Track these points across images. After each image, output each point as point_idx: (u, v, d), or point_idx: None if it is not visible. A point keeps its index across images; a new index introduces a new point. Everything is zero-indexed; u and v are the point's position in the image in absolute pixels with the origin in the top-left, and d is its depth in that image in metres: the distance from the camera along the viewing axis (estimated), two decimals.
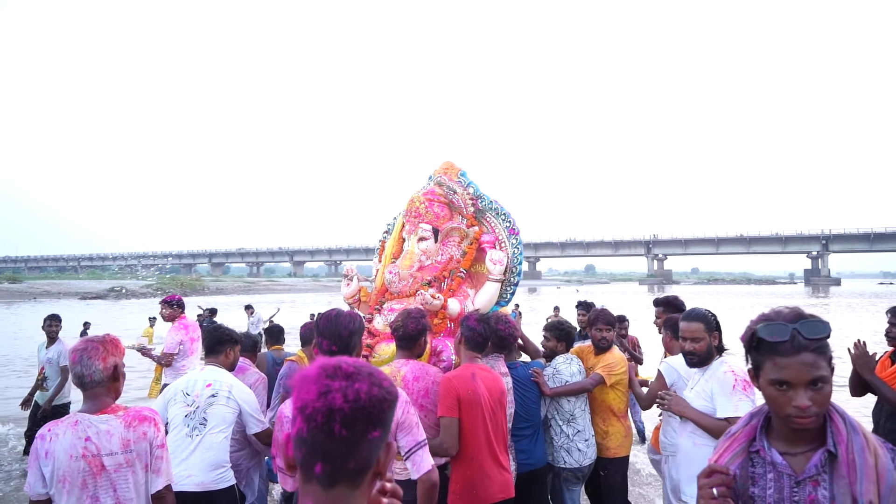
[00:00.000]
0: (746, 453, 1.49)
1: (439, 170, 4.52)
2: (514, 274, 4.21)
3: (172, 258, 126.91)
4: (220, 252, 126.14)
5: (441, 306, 3.79)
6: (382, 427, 1.01)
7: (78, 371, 2.25)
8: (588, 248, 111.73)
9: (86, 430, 2.20)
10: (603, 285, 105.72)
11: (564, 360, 3.82)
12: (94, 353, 2.26)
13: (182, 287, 52.99)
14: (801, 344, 1.39)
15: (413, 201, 4.30)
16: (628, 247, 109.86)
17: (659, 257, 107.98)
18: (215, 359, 3.40)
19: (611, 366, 3.74)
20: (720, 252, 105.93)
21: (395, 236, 4.51)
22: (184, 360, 5.81)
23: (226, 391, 3.16)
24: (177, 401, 3.13)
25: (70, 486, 2.15)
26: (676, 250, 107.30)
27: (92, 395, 2.27)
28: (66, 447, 2.16)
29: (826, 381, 1.39)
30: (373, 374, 1.01)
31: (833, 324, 1.41)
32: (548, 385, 3.66)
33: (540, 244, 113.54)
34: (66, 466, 2.15)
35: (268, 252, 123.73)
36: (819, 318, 1.41)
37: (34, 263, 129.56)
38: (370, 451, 1.00)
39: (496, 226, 4.32)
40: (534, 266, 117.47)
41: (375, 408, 0.98)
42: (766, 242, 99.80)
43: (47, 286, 51.44)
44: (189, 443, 3.02)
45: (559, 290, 76.92)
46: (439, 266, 4.12)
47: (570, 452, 3.61)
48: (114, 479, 2.20)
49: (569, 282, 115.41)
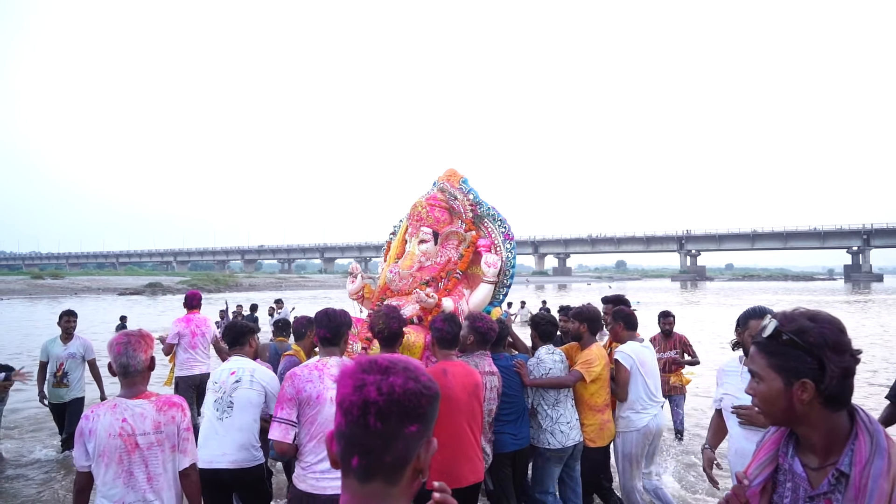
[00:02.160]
0: (776, 462, 1.47)
1: (443, 176, 4.78)
2: (507, 276, 4.48)
3: (206, 255, 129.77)
4: (252, 248, 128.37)
5: (436, 304, 4.07)
6: (421, 422, 1.00)
7: (123, 361, 2.57)
8: (619, 243, 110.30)
9: (123, 412, 2.52)
10: (634, 282, 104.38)
11: (547, 350, 4.06)
12: (137, 345, 2.59)
13: (216, 283, 54.06)
14: (755, 337, 1.47)
15: (416, 206, 4.59)
16: (660, 242, 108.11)
17: (692, 253, 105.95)
18: (240, 349, 3.69)
19: (588, 362, 3.95)
20: (755, 248, 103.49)
21: (399, 238, 4.81)
22: (186, 354, 6.10)
23: (248, 376, 3.44)
24: (210, 389, 3.48)
25: (108, 460, 2.48)
26: (710, 246, 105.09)
27: (131, 383, 2.60)
28: (105, 426, 2.48)
29: (760, 378, 1.43)
30: (409, 369, 1.02)
31: (873, 322, 1.35)
32: (529, 376, 3.92)
33: (570, 240, 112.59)
34: (105, 443, 2.48)
35: (299, 248, 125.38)
36: (780, 318, 1.41)
37: (75, 260, 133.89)
38: (407, 446, 0.99)
39: (493, 231, 4.57)
40: (563, 262, 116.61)
41: (411, 401, 0.98)
42: (804, 237, 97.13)
43: (88, 282, 53.09)
44: (220, 425, 3.32)
45: (589, 286, 76.24)
46: (438, 267, 4.39)
47: (554, 434, 3.88)
48: (146, 456, 2.52)
49: (599, 278, 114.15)
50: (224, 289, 51.03)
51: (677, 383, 6.47)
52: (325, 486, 2.82)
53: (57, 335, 6.00)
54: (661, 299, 37.05)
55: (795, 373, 1.36)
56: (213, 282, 55.45)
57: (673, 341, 6.54)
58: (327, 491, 2.82)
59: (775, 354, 1.39)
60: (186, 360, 6.06)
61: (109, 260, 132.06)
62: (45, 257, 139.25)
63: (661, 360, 6.61)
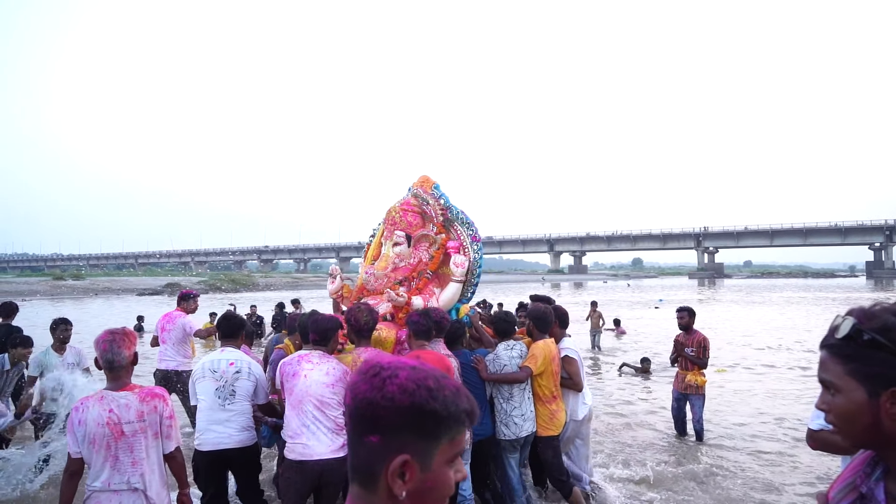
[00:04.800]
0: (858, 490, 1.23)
1: (417, 183, 5.06)
2: (474, 276, 4.78)
3: (223, 255, 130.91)
4: (268, 248, 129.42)
5: (406, 302, 4.38)
6: (382, 434, 0.95)
7: (109, 357, 2.85)
8: (635, 241, 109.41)
9: (109, 403, 2.81)
10: (651, 279, 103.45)
11: (505, 346, 4.39)
12: (121, 342, 2.86)
13: (233, 283, 54.49)
14: (822, 340, 1.19)
15: (391, 211, 4.90)
16: (677, 240, 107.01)
17: (709, 250, 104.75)
18: (232, 342, 4.03)
19: (533, 356, 4.26)
20: (775, 244, 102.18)
21: (376, 241, 5.12)
22: (160, 348, 6.49)
23: (247, 368, 3.84)
24: (205, 377, 3.79)
25: (97, 446, 2.76)
26: (728, 243, 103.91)
27: (115, 377, 2.88)
28: (94, 416, 2.76)
29: (835, 388, 1.15)
30: (382, 377, 0.97)
31: None
32: (486, 370, 4.25)
33: (585, 238, 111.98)
34: (94, 431, 2.75)
35: (314, 248, 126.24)
36: (857, 315, 1.14)
37: (95, 261, 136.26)
38: (369, 457, 0.96)
39: (461, 233, 4.86)
40: (579, 260, 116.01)
41: (366, 411, 0.96)
42: (825, 234, 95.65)
43: (108, 282, 53.87)
44: (224, 412, 3.72)
45: (605, 284, 75.71)
46: (410, 268, 4.70)
47: (508, 426, 4.23)
48: (130, 442, 2.82)
49: (615, 276, 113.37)
50: (241, 289, 51.48)
51: (693, 382, 6.39)
52: (311, 453, 3.37)
53: (48, 346, 5.48)
54: (681, 297, 36.70)
55: (883, 380, 1.08)
56: (231, 282, 55.87)
57: (693, 339, 6.48)
58: (313, 457, 3.37)
59: (854, 359, 1.12)
60: (158, 354, 6.48)
61: (129, 261, 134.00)
62: (66, 259, 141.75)
63: (681, 359, 6.58)
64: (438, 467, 0.97)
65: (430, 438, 0.96)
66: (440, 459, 0.97)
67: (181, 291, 6.86)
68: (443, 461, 0.97)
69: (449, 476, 0.99)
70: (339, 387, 3.45)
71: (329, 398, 3.45)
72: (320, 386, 3.44)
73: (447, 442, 0.97)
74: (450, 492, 1.00)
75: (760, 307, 29.65)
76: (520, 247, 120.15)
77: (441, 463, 0.97)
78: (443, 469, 0.98)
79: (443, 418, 0.96)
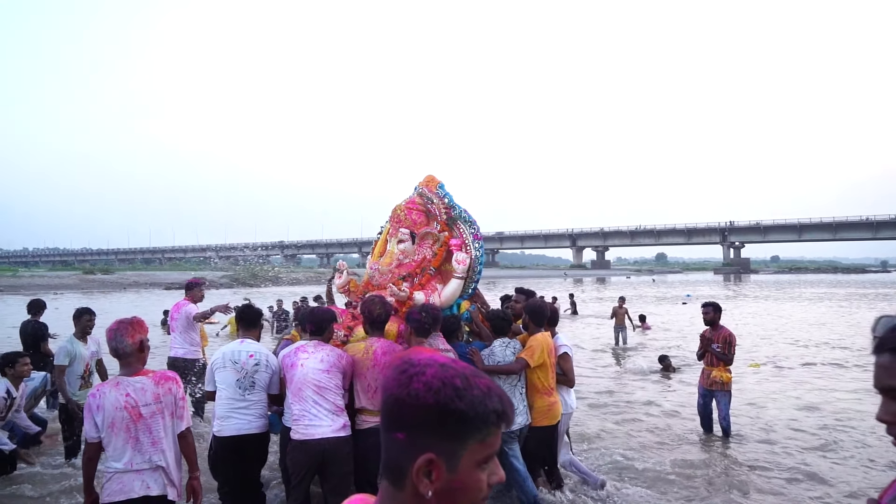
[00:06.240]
0: None
1: (423, 182, 5.21)
2: (475, 272, 4.92)
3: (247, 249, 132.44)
4: (292, 244, 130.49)
5: (408, 298, 4.55)
6: (407, 431, 0.93)
7: (114, 345, 3.01)
8: (659, 236, 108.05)
9: (125, 388, 2.95)
10: (675, 275, 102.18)
11: (501, 343, 4.54)
12: (125, 331, 2.98)
13: (256, 277, 55.03)
14: (882, 341, 1.09)
15: (396, 209, 5.10)
16: (702, 234, 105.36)
17: (735, 245, 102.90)
18: (251, 332, 4.26)
19: (531, 349, 4.38)
20: (803, 239, 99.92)
21: (382, 238, 5.32)
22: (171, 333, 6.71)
23: (265, 360, 4.07)
24: (225, 367, 4.00)
25: (117, 429, 2.90)
26: (755, 238, 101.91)
27: (126, 363, 3.04)
28: (111, 401, 2.91)
29: None
30: (409, 374, 0.96)
31: None
32: (482, 362, 4.38)
33: (608, 232, 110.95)
34: (112, 415, 2.89)
35: (337, 243, 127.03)
36: None
37: (123, 255, 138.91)
38: (397, 454, 0.95)
39: (464, 231, 5.00)
40: (602, 255, 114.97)
41: (393, 408, 0.95)
42: (855, 228, 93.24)
43: (136, 277, 54.96)
44: (243, 401, 3.95)
45: (629, 279, 75.03)
46: (414, 264, 4.87)
47: None
48: (149, 424, 2.96)
49: (639, 271, 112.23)
50: (264, 283, 51.98)
51: (718, 378, 6.29)
52: (313, 433, 3.66)
53: (71, 335, 5.59)
54: (708, 293, 36.22)
55: None
56: (254, 276, 56.39)
57: (719, 335, 6.36)
58: (315, 436, 3.65)
59: None
60: (170, 342, 6.72)
61: (156, 255, 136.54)
62: (95, 253, 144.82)
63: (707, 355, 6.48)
64: (467, 469, 0.93)
65: (456, 438, 0.93)
66: (468, 461, 0.93)
67: (188, 280, 7.02)
68: (472, 463, 0.94)
69: (479, 478, 0.95)
70: (335, 372, 3.77)
71: (326, 382, 3.74)
72: (317, 372, 3.73)
73: (476, 443, 0.93)
74: (481, 495, 0.96)
75: (790, 303, 29.11)
76: (542, 241, 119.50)
77: (470, 464, 0.94)
78: (472, 471, 0.94)
79: (469, 418, 0.92)
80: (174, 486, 3.05)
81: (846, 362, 11.47)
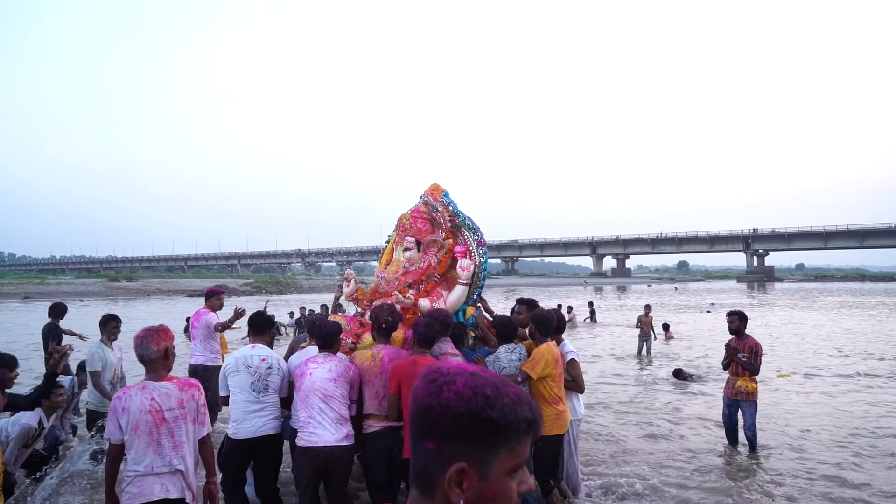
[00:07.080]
0: None
1: (428, 191, 5.30)
2: (480, 279, 5.01)
3: (268, 258, 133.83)
4: (312, 251, 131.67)
5: (412, 304, 4.66)
6: (437, 440, 0.93)
7: (140, 352, 3.10)
8: (681, 244, 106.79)
9: (151, 392, 3.02)
10: (697, 283, 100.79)
11: (506, 349, 4.57)
12: (150, 339, 3.05)
13: (278, 285, 55.62)
14: None
15: (402, 218, 5.20)
16: (725, 242, 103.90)
17: (759, 253, 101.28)
18: (262, 338, 4.39)
19: (534, 360, 4.33)
20: (829, 247, 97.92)
21: (389, 246, 5.41)
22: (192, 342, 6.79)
23: (276, 364, 4.23)
24: (239, 371, 4.12)
25: (140, 432, 2.95)
26: (779, 245, 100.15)
27: (151, 369, 3.10)
28: (137, 405, 2.96)
29: None
30: (439, 382, 0.95)
31: None
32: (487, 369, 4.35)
33: (629, 240, 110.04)
34: (137, 418, 2.94)
35: (357, 251, 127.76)
36: None
37: (147, 263, 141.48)
38: (427, 463, 0.95)
39: (468, 238, 5.08)
40: (623, 263, 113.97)
41: (424, 416, 0.95)
42: (883, 235, 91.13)
43: (159, 284, 55.67)
44: (258, 404, 4.07)
45: (650, 287, 74.22)
46: (420, 271, 4.96)
47: None
48: (172, 428, 3.02)
49: (660, 279, 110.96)
50: (286, 291, 52.47)
51: (744, 388, 6.16)
52: (316, 441, 3.78)
53: (98, 341, 5.74)
54: (732, 301, 35.69)
55: None
56: (275, 284, 57.06)
57: (744, 344, 6.24)
58: (318, 443, 3.76)
59: None
60: (190, 350, 6.81)
61: (178, 263, 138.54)
62: (120, 261, 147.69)
63: (733, 364, 6.37)
64: (497, 477, 0.93)
65: (488, 447, 0.92)
66: (499, 469, 0.93)
67: (208, 289, 7.10)
68: (502, 471, 0.94)
69: (509, 487, 0.95)
70: (342, 381, 3.90)
71: (332, 391, 3.85)
72: (324, 381, 3.85)
73: (506, 452, 0.93)
74: (511, 503, 0.96)
75: (817, 312, 28.46)
76: (562, 249, 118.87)
77: (500, 473, 0.93)
78: (503, 479, 0.94)
79: (500, 427, 0.92)
80: (191, 490, 3.11)
81: (879, 373, 11.17)
